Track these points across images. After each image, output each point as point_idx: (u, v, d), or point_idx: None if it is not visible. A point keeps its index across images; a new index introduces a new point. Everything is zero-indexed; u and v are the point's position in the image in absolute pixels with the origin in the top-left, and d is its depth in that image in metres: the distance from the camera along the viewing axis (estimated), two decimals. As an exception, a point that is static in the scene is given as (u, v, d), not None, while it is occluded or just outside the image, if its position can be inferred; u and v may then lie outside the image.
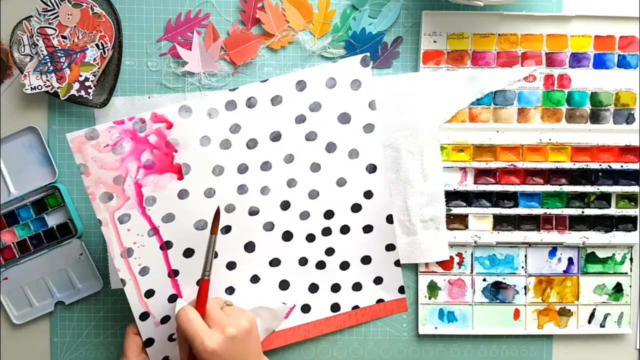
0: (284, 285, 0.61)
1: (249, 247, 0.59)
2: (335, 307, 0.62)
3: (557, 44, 0.62)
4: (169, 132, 0.54)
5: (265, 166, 0.58)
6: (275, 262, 0.60)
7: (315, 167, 0.59)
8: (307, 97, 0.57)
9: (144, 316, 0.57)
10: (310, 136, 0.58)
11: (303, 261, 0.61)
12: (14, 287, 0.62)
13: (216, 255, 0.58)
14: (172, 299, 0.58)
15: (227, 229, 0.58)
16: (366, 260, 0.62)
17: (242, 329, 0.51)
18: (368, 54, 0.57)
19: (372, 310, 0.63)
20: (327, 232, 0.61)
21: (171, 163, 0.55)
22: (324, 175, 0.59)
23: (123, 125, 0.53)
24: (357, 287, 0.62)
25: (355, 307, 0.63)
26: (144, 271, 0.56)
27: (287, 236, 0.60)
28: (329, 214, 0.60)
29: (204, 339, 0.49)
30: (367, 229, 0.61)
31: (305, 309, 0.62)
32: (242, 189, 0.57)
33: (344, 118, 0.58)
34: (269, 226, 0.59)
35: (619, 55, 0.62)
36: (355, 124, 0.58)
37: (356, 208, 0.60)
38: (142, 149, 0.53)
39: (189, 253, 0.57)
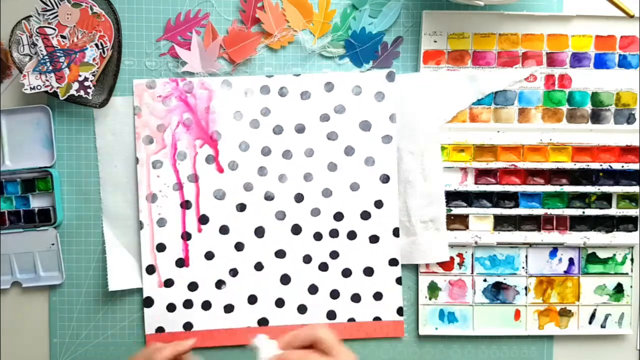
0: (286, 279, 0.62)
1: (259, 232, 0.62)
2: (331, 315, 0.62)
3: (558, 43, 0.62)
4: (210, 99, 0.61)
5: (287, 155, 0.61)
6: (280, 254, 0.62)
7: (332, 167, 0.61)
8: (333, 99, 0.61)
9: (151, 269, 0.62)
10: (332, 136, 0.62)
11: (307, 259, 0.62)
12: None
13: (227, 232, 0.62)
14: (180, 263, 0.62)
15: (242, 207, 0.62)
16: (368, 272, 0.62)
17: None
18: (394, 70, 0.61)
19: (367, 327, 0.63)
20: (334, 234, 0.62)
21: (207, 126, 0.61)
22: (339, 177, 0.61)
23: (175, 83, 0.61)
24: (355, 298, 0.62)
25: (351, 320, 0.62)
26: (162, 222, 0.61)
27: (296, 229, 0.62)
28: (338, 216, 0.62)
29: None
30: (373, 239, 0.62)
31: (302, 309, 0.62)
32: (262, 171, 0.61)
33: (365, 125, 0.61)
34: (281, 215, 0.62)
35: (620, 55, 0.62)
36: (375, 133, 0.62)
37: (365, 215, 0.62)
38: (185, 108, 0.61)
39: (204, 219, 0.62)
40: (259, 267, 0.62)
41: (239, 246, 0.62)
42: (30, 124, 0.62)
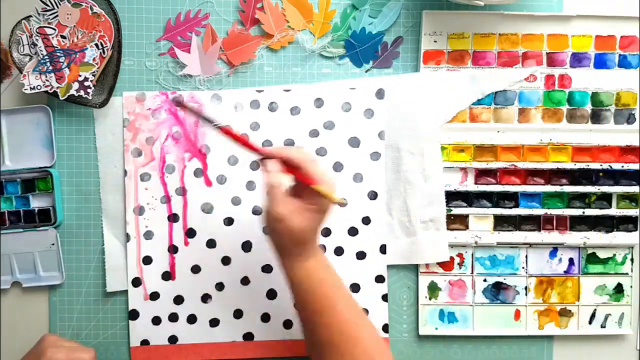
0: (272, 294, 0.62)
1: (246, 246, 0.62)
2: None
3: (558, 43, 0.62)
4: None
5: None
6: (267, 269, 0.62)
7: None
8: (323, 115, 0.62)
9: (136, 282, 0.61)
10: (321, 151, 0.62)
11: None
12: None
13: (214, 246, 0.62)
14: (166, 277, 0.61)
15: (229, 221, 0.62)
16: (355, 288, 0.62)
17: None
18: (384, 88, 0.61)
19: None
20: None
21: (195, 139, 0.61)
22: None
23: (165, 97, 0.61)
24: None
25: None
26: (149, 235, 0.61)
27: None
28: (325, 232, 0.62)
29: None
30: (360, 255, 0.62)
31: (287, 324, 0.62)
32: (250, 185, 0.61)
33: (354, 142, 0.62)
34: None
35: (620, 55, 0.62)
36: (364, 150, 0.62)
37: (353, 232, 0.62)
38: (175, 122, 0.61)
39: (191, 233, 0.62)
40: (245, 281, 0.62)
41: (226, 260, 0.62)
42: (30, 124, 0.62)
